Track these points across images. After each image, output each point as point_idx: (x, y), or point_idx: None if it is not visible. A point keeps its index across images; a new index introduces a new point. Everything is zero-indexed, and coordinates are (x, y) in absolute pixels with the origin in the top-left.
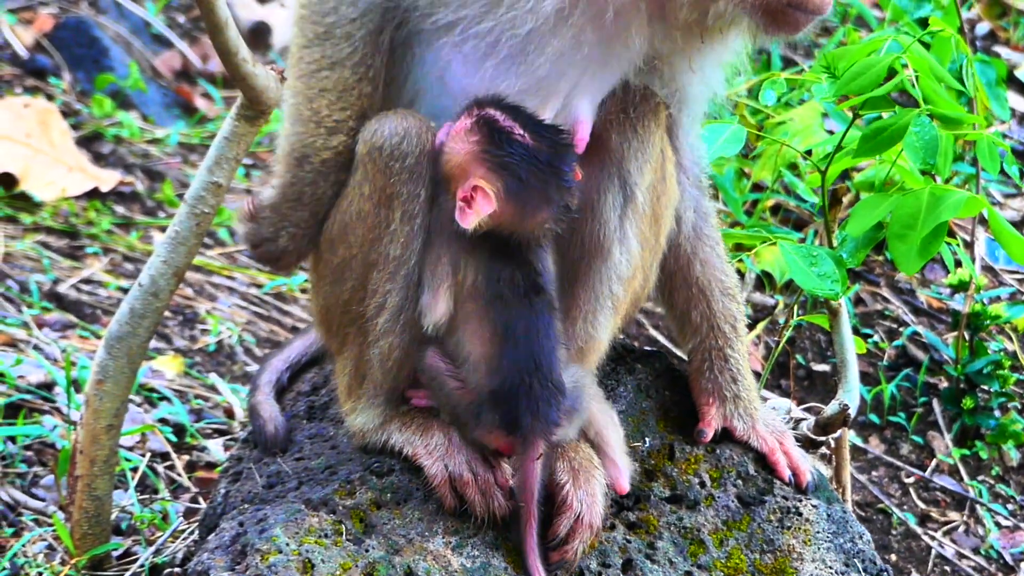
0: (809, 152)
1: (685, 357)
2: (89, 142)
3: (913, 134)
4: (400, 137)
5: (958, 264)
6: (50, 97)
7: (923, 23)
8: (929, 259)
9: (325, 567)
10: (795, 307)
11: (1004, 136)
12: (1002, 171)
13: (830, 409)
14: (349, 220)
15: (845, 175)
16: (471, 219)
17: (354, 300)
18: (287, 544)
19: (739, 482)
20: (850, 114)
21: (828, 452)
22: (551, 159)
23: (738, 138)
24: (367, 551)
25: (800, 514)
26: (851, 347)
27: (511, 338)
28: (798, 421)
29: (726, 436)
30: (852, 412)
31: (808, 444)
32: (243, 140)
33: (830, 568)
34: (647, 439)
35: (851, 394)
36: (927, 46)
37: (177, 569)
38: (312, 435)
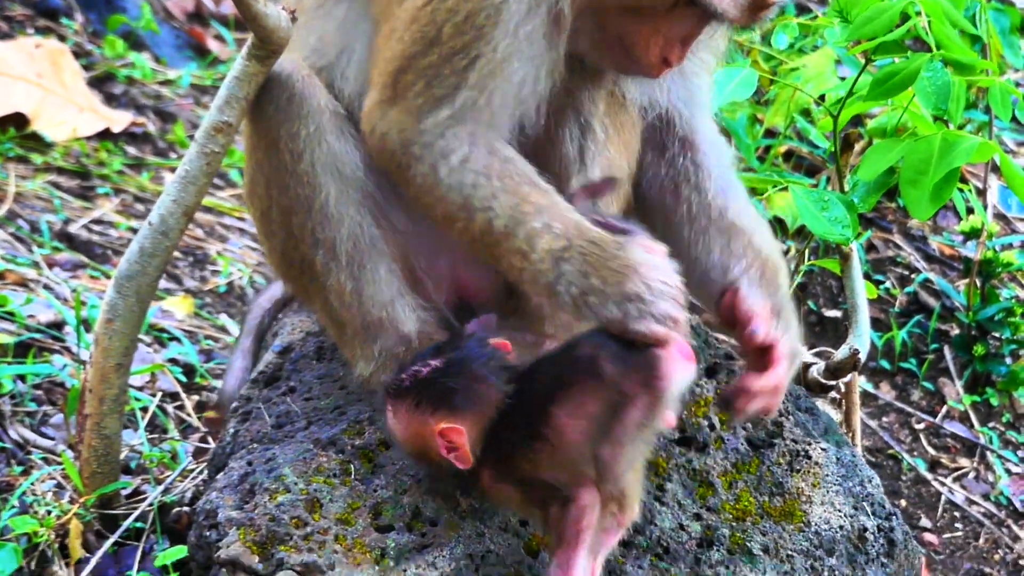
0: (822, 98)
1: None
2: (101, 83)
3: (925, 79)
4: (301, 123)
5: (970, 211)
6: (62, 38)
7: None
8: (941, 205)
9: (333, 506)
10: (807, 252)
11: (1017, 84)
12: (1015, 119)
13: (840, 353)
14: (252, 173)
15: (857, 121)
16: (465, 457)
17: (289, 249)
18: (295, 483)
19: (748, 425)
20: (862, 59)
21: (838, 397)
22: (460, 358)
23: (750, 82)
24: (375, 491)
25: (809, 457)
26: (862, 292)
27: None
28: (808, 365)
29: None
30: (862, 357)
31: (818, 389)
32: (254, 80)
33: (839, 511)
34: None
35: (861, 339)
36: None
37: (186, 508)
38: (321, 375)
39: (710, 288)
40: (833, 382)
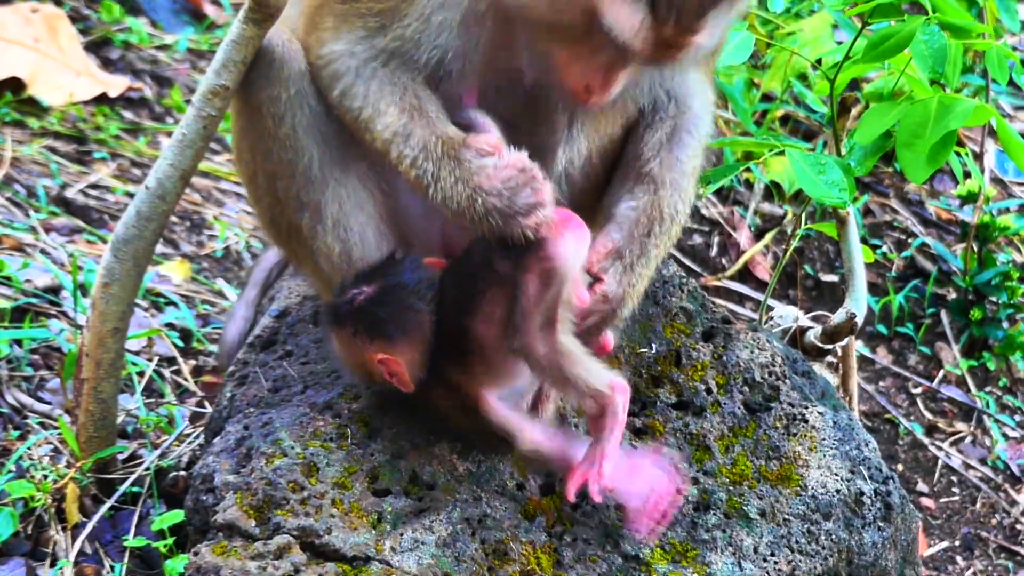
0: (819, 62)
1: (694, 266)
2: (97, 47)
3: (921, 42)
4: (282, 87)
5: (967, 175)
6: (58, 3)
7: None
8: (937, 168)
9: (330, 470)
10: (803, 216)
11: (1014, 48)
12: (1012, 83)
13: (837, 317)
14: (238, 140)
15: (854, 85)
16: (406, 383)
17: (276, 214)
18: (292, 447)
19: (745, 389)
20: (859, 23)
21: (835, 361)
22: (392, 285)
23: (746, 46)
24: (372, 455)
25: (806, 421)
26: (859, 256)
27: None
28: (805, 329)
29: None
30: (859, 321)
31: (815, 353)
32: (250, 43)
33: (836, 475)
34: (654, 345)
35: (858, 303)
36: None
37: (182, 472)
38: (318, 339)
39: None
40: (830, 346)
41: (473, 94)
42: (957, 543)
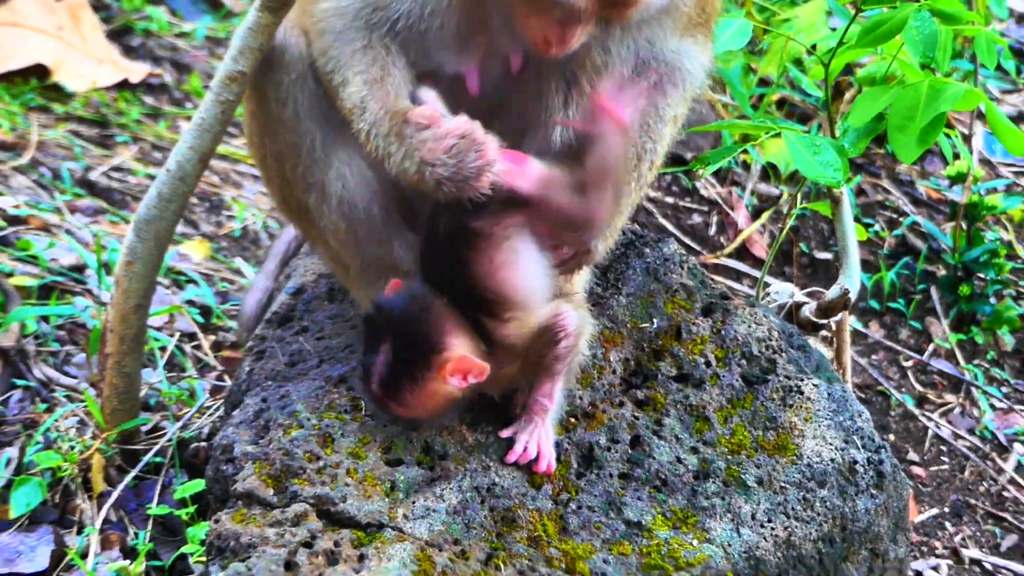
0: (814, 47)
1: (694, 244)
2: (119, 35)
3: (913, 28)
4: (284, 71)
5: (956, 156)
6: None
7: None
8: (927, 148)
9: (345, 441)
10: (799, 196)
11: (1002, 35)
12: (1000, 68)
13: (831, 293)
14: (248, 123)
15: (848, 71)
16: (481, 369)
17: (286, 194)
18: (308, 419)
19: (743, 362)
20: (852, 10)
21: (829, 335)
22: (395, 318)
23: (744, 32)
24: (385, 426)
25: (802, 392)
26: (852, 234)
27: None
28: (800, 305)
29: (727, 317)
30: (852, 296)
31: (810, 327)
32: (266, 31)
33: (830, 444)
34: (655, 320)
35: (852, 279)
36: None
37: (203, 443)
38: (333, 315)
39: None
40: (824, 320)
41: (474, 73)
42: (947, 510)
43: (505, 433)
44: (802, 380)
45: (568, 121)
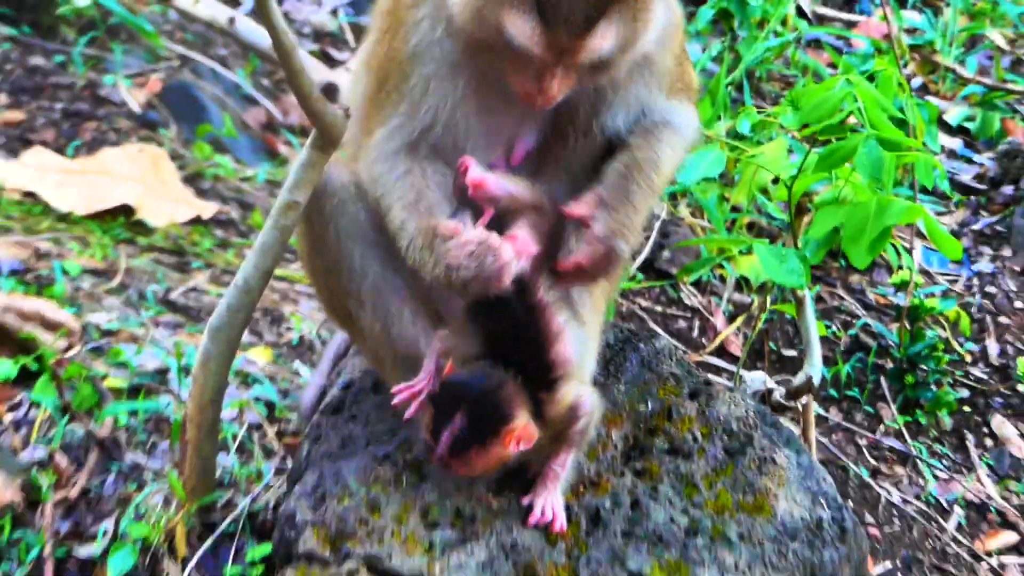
0: (777, 179)
1: (679, 345)
2: (192, 180)
3: (862, 154)
4: (327, 198)
5: (900, 268)
6: (160, 144)
7: (870, 78)
8: (876, 255)
9: (389, 508)
10: (767, 302)
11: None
12: (934, 194)
13: (798, 379)
14: (299, 243)
15: (806, 199)
16: (531, 436)
17: (332, 301)
18: (358, 490)
19: (725, 437)
20: (807, 145)
21: (796, 416)
22: (470, 394)
23: (719, 161)
24: (423, 495)
25: (775, 462)
26: (814, 329)
27: None
28: (771, 391)
29: (710, 400)
30: (816, 382)
31: (780, 408)
32: (317, 166)
33: (800, 504)
34: (649, 403)
35: (815, 367)
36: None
37: (270, 513)
38: (377, 404)
39: None
40: (792, 403)
41: (501, 160)
42: (899, 564)
43: (526, 500)
44: (775, 451)
45: (569, 212)
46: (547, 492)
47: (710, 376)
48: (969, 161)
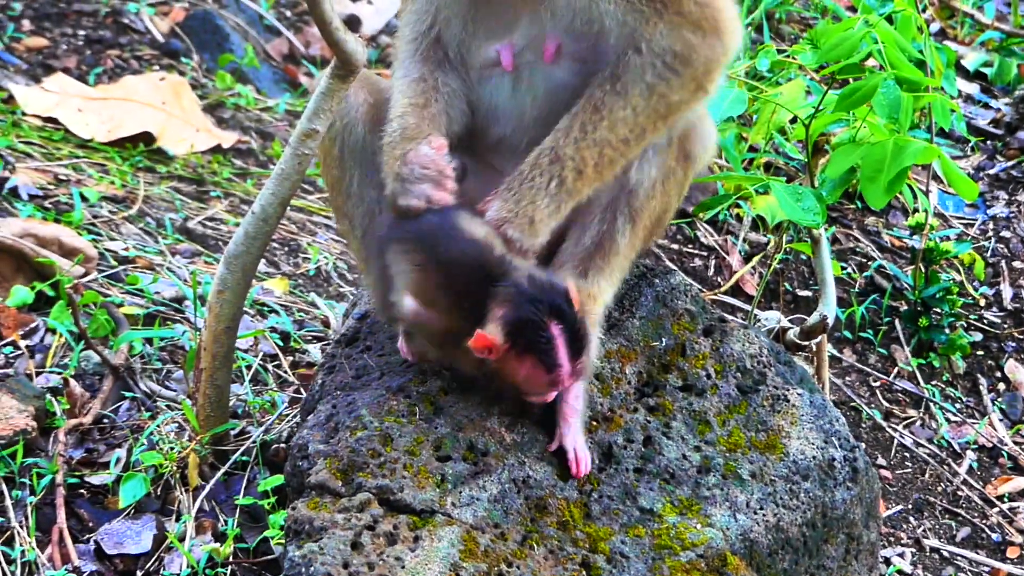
0: (795, 119)
1: (695, 283)
2: (213, 109)
3: (881, 94)
4: (340, 117)
5: (915, 211)
6: (181, 73)
7: (888, 19)
8: (893, 196)
9: (402, 441)
10: (783, 241)
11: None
12: (950, 138)
13: (812, 319)
14: (320, 155)
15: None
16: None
17: (336, 214)
18: (371, 422)
19: (738, 375)
20: (824, 86)
21: (810, 356)
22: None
23: (741, 100)
24: (436, 428)
25: (788, 400)
26: (829, 269)
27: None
28: (785, 330)
29: (724, 337)
30: (830, 322)
31: (794, 348)
32: (336, 95)
33: (812, 444)
34: (663, 339)
35: (829, 307)
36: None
37: (282, 445)
38: (393, 336)
39: None
40: (806, 342)
41: (507, 50)
42: (910, 506)
43: (554, 446)
44: (788, 390)
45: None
46: (571, 431)
47: (724, 315)
48: (986, 106)
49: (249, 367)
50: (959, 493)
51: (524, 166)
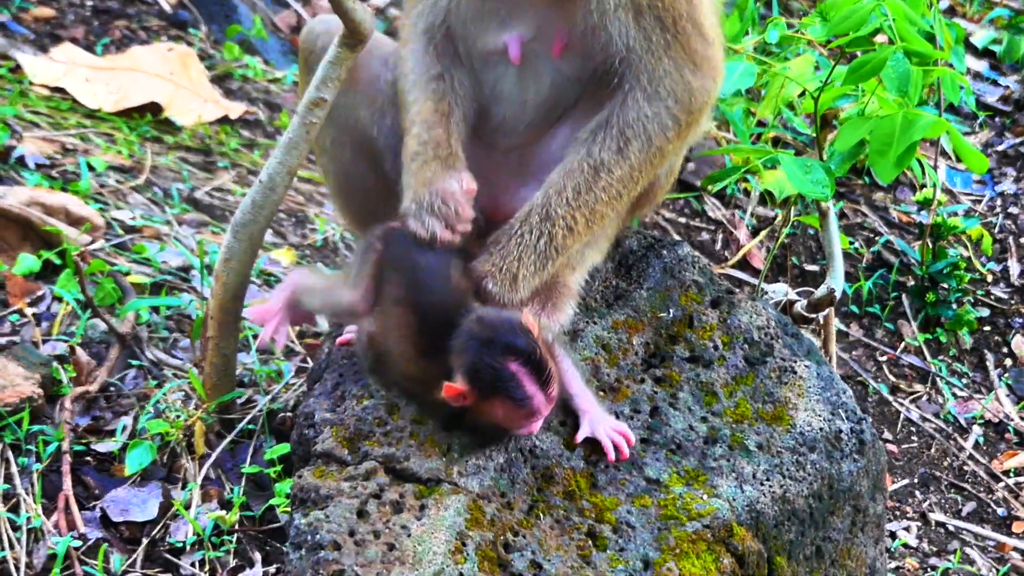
0: (803, 94)
1: (702, 258)
2: (221, 80)
3: (890, 67)
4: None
5: (923, 186)
6: (189, 44)
7: None
8: (903, 169)
9: (408, 410)
10: (791, 215)
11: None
12: (958, 114)
13: (820, 291)
14: None
15: (832, 116)
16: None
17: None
18: (378, 391)
19: (745, 346)
20: (831, 60)
21: (817, 329)
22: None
23: (750, 73)
24: None
25: (795, 372)
26: (837, 242)
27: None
28: (792, 302)
29: (731, 308)
30: (837, 295)
31: (801, 321)
32: (344, 63)
33: (819, 416)
34: (671, 310)
35: (837, 280)
36: None
37: (289, 413)
38: None
39: None
40: (813, 315)
41: (515, 42)
42: (916, 480)
43: (580, 438)
44: (795, 362)
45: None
46: (595, 421)
47: (732, 287)
48: (994, 83)
49: (255, 336)
50: (965, 468)
51: (514, 221)
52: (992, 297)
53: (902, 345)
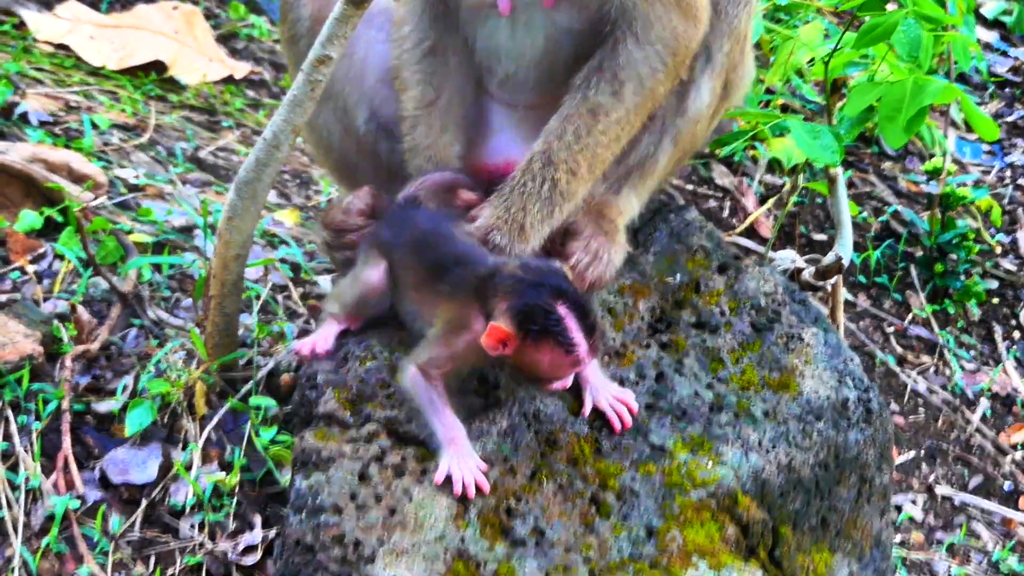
0: (812, 61)
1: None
2: (226, 39)
3: (901, 32)
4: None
5: (932, 156)
6: (195, 2)
7: None
8: (912, 135)
9: None
10: (799, 182)
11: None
12: (968, 84)
13: (828, 259)
14: None
15: (841, 84)
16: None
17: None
18: (381, 352)
19: (752, 312)
20: (841, 28)
21: (825, 297)
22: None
23: (756, 29)
24: None
25: (802, 339)
26: (846, 209)
27: None
28: (800, 270)
29: (738, 274)
30: (845, 263)
31: (809, 288)
32: (350, 21)
33: (826, 383)
34: (678, 275)
35: (845, 247)
36: None
37: (291, 374)
38: None
39: None
40: (821, 283)
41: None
42: (922, 453)
43: (587, 412)
44: (802, 329)
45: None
46: (598, 390)
47: (739, 253)
48: (1004, 54)
49: (258, 297)
50: (972, 441)
51: (515, 172)
52: (1001, 269)
53: (910, 316)
